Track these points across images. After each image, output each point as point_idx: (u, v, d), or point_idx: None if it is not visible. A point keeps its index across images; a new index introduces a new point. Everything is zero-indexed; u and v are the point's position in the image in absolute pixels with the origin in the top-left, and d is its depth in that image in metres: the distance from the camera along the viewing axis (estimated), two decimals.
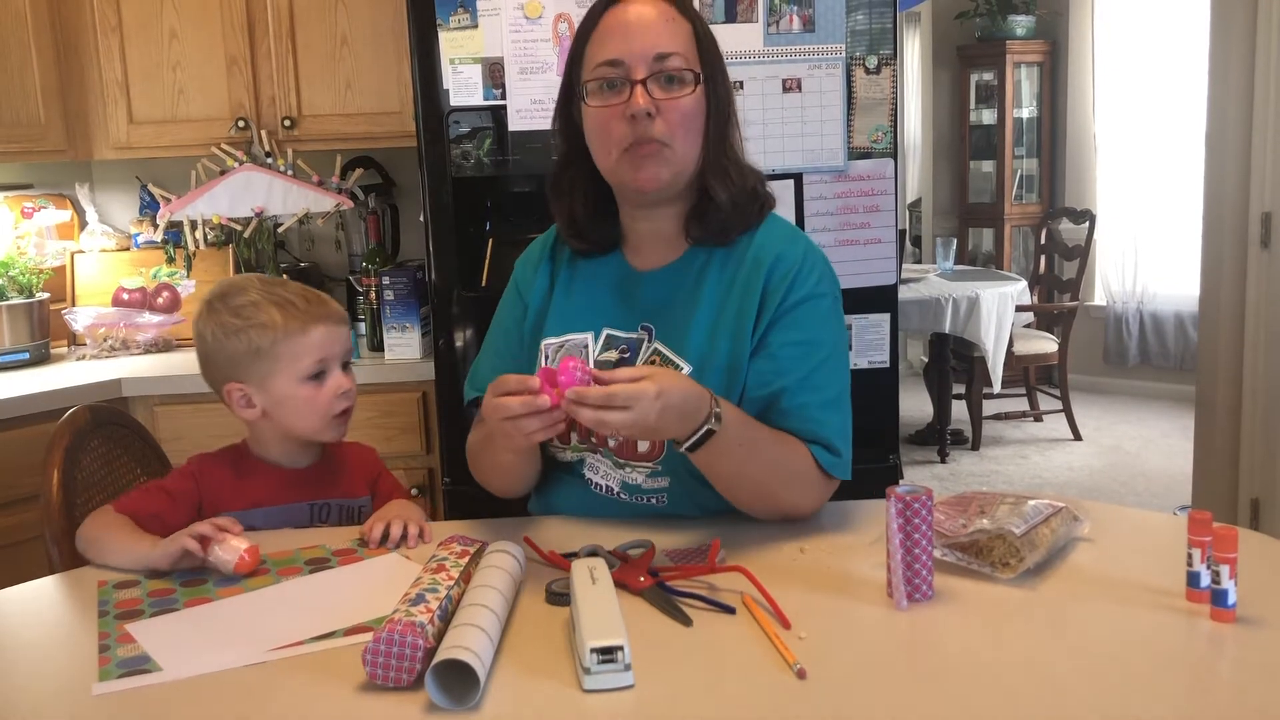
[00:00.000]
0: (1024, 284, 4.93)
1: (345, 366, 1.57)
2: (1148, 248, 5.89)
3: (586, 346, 1.47)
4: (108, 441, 1.73)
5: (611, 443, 1.43)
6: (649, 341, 1.45)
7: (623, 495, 1.45)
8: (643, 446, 1.42)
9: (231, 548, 1.32)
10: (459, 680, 0.99)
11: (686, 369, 1.40)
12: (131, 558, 1.37)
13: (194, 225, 2.79)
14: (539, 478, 1.53)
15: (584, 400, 1.19)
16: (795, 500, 1.40)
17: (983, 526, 1.23)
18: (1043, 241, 5.70)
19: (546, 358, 1.48)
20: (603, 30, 1.40)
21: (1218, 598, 1.09)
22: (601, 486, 1.46)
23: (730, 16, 2.24)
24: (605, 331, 1.47)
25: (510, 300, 1.59)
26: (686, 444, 1.29)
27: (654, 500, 1.44)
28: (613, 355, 1.46)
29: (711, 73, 1.42)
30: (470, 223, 2.39)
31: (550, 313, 1.52)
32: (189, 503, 1.52)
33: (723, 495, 1.39)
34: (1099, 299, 6.11)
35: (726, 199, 1.43)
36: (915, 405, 5.56)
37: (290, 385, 1.52)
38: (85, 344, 2.89)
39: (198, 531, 1.33)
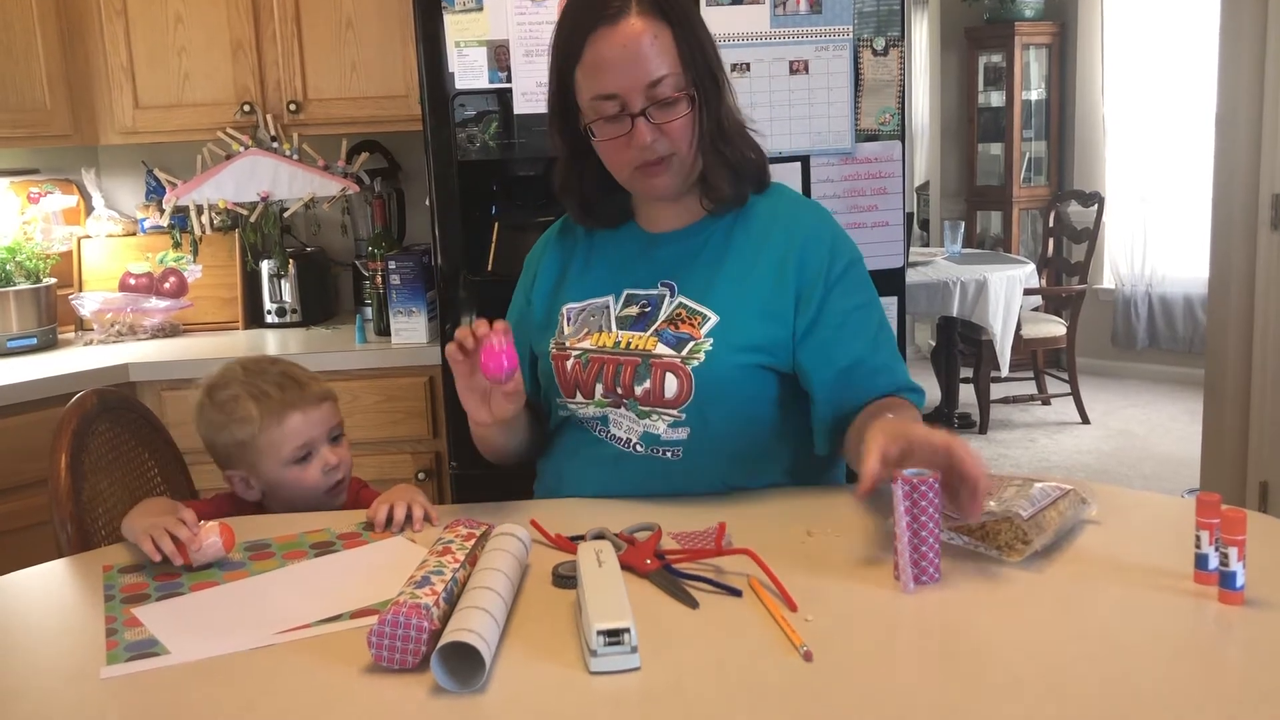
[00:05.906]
0: (1032, 267, 4.91)
1: (336, 439, 1.63)
2: (1157, 230, 5.85)
3: (608, 308, 1.52)
4: (115, 426, 1.73)
5: (638, 390, 1.45)
6: (671, 297, 1.50)
7: (639, 447, 1.48)
8: (670, 391, 1.44)
9: (212, 544, 1.31)
10: (464, 663, 0.99)
11: (714, 319, 1.45)
12: (132, 531, 1.38)
13: (200, 210, 2.79)
14: (549, 446, 1.59)
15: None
16: None
17: (990, 509, 1.23)
18: (1051, 224, 5.67)
19: (569, 320, 1.54)
20: (591, 63, 1.40)
21: (1226, 580, 1.09)
22: (621, 439, 1.49)
23: None
24: (625, 291, 1.53)
25: (516, 296, 1.68)
26: None
27: (670, 454, 1.46)
28: (634, 311, 1.51)
29: (695, 70, 1.42)
30: (476, 206, 2.38)
31: (568, 281, 1.58)
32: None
33: None
34: (1108, 282, 6.09)
35: (729, 168, 1.48)
36: (923, 388, 5.55)
37: (277, 470, 1.59)
38: (92, 329, 2.90)
39: (167, 549, 1.30)
